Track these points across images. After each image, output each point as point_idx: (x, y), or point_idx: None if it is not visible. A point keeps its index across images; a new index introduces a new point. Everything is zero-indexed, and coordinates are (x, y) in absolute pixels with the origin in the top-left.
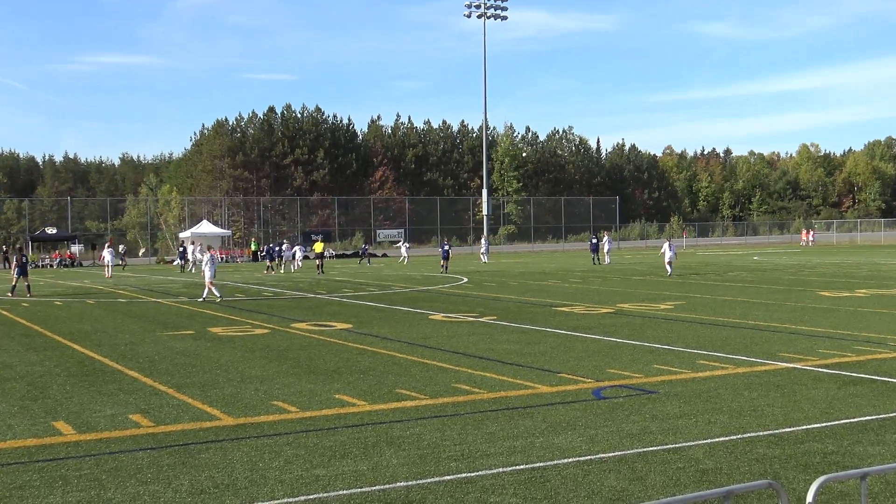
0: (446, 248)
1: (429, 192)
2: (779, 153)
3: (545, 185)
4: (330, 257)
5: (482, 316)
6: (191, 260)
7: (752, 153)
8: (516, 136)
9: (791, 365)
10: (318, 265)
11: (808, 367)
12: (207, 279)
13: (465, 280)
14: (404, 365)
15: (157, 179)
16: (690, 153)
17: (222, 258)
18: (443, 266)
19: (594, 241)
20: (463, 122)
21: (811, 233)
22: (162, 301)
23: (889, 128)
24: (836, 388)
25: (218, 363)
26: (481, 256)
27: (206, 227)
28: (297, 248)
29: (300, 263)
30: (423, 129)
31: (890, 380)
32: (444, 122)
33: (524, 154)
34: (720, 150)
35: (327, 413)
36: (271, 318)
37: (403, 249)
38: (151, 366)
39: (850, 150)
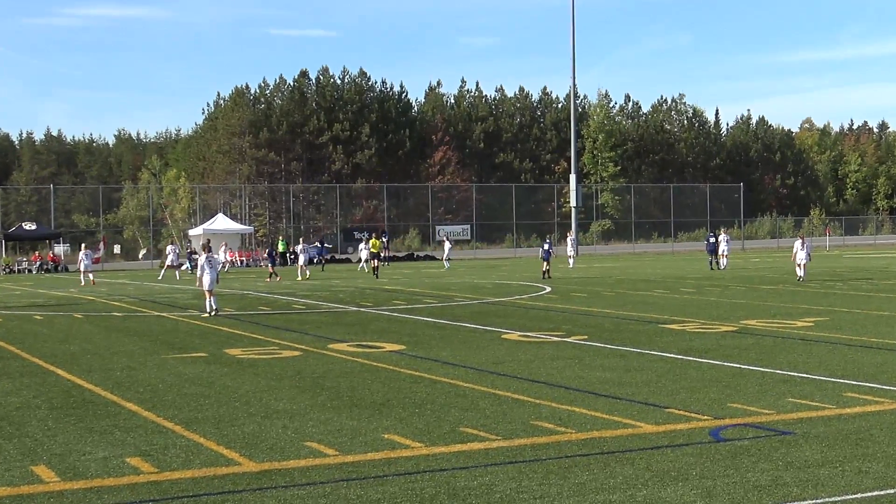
0: (546, 247)
1: (502, 179)
2: None
3: (650, 170)
4: (384, 260)
5: (569, 335)
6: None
7: None
8: (613, 107)
9: None
10: (373, 268)
11: None
12: (206, 286)
13: (548, 290)
14: (470, 397)
15: (162, 163)
16: (836, 128)
17: (242, 261)
18: (545, 271)
19: (711, 239)
20: (545, 89)
21: None
22: (167, 315)
23: None
24: None
25: (237, 394)
26: (569, 260)
27: (221, 221)
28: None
29: (306, 270)
30: (494, 99)
31: None
32: (522, 89)
33: (624, 129)
34: (874, 125)
35: (374, 457)
36: (303, 338)
37: (446, 248)
38: (154, 396)
39: None
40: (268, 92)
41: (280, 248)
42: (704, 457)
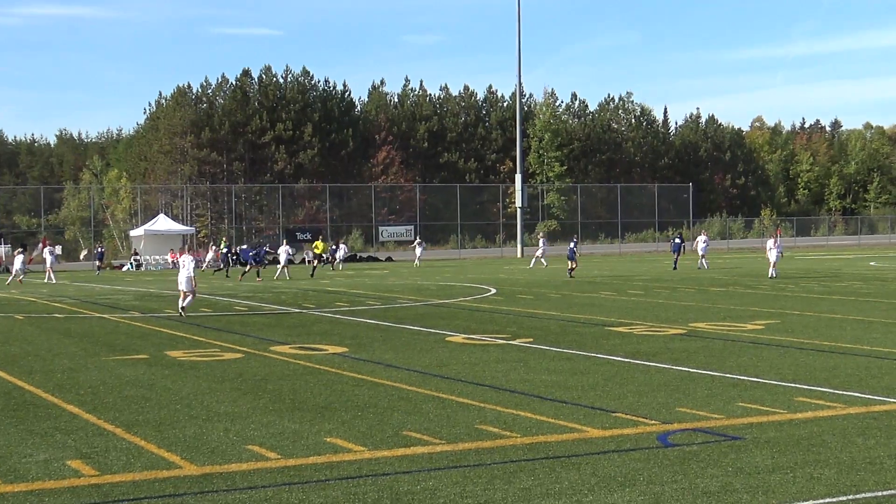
0: (572, 245)
1: (446, 179)
2: None
3: (597, 170)
4: (326, 260)
5: (514, 338)
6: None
7: (868, 126)
8: (559, 105)
9: None
10: (314, 266)
11: None
12: (189, 287)
13: (493, 291)
14: (414, 400)
15: (103, 163)
16: (787, 127)
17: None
18: (570, 269)
19: (677, 240)
20: (490, 87)
21: None
22: (108, 317)
23: None
24: None
25: (178, 396)
26: (541, 261)
27: (163, 222)
28: (282, 248)
29: (286, 271)
30: (438, 98)
31: None
32: (467, 87)
33: (570, 129)
34: (826, 123)
35: (316, 461)
36: (245, 340)
37: (418, 250)
38: (95, 399)
39: None
40: (210, 91)
41: (222, 248)
42: (652, 462)
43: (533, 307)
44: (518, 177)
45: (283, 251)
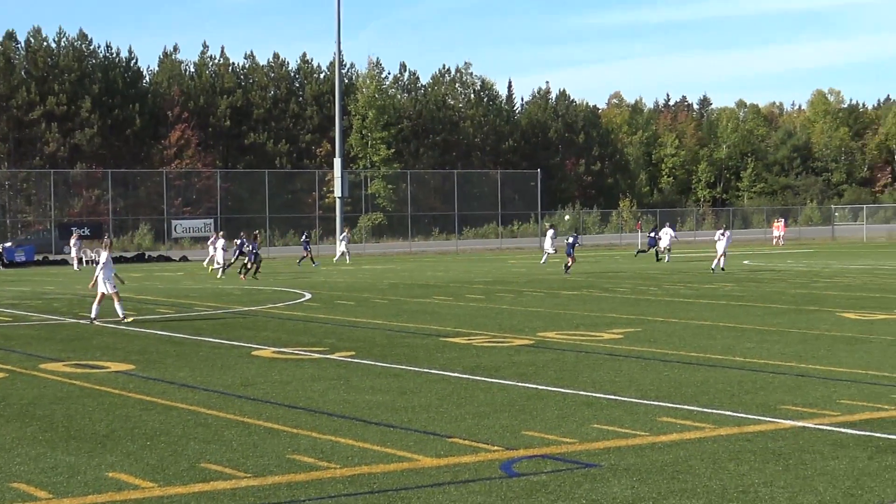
0: (572, 240)
1: (252, 164)
2: (782, 104)
3: (430, 153)
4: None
5: (333, 351)
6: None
7: (741, 104)
8: (386, 78)
9: (799, 423)
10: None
11: (823, 427)
12: (106, 289)
13: (308, 296)
14: (214, 426)
15: None
16: (649, 104)
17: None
18: (567, 265)
19: (652, 234)
20: (305, 56)
21: (780, 225)
22: None
23: None
24: (865, 457)
25: None
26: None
27: None
28: (220, 240)
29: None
30: (243, 68)
31: None
32: (277, 56)
33: (399, 105)
34: (693, 101)
35: (95, 500)
36: (9, 356)
37: (343, 245)
38: None
39: (889, 99)
40: None
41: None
42: (495, 495)
43: (355, 315)
44: (337, 162)
45: (220, 245)
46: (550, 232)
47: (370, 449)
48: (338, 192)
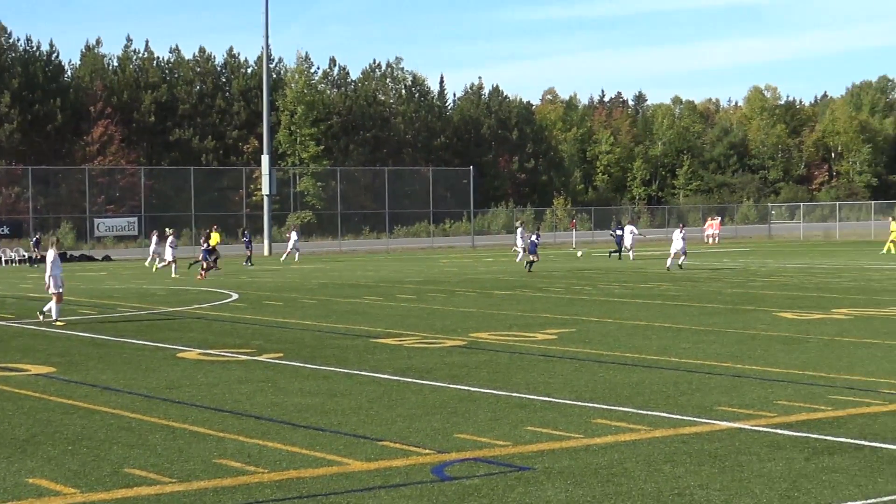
0: (534, 238)
1: (177, 161)
2: (718, 101)
3: (360, 150)
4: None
5: (261, 353)
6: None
7: (677, 100)
8: (315, 73)
9: (735, 424)
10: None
11: (760, 428)
12: (56, 288)
13: (235, 297)
14: (138, 430)
15: None
16: (583, 100)
17: None
18: (529, 263)
19: (619, 231)
20: (231, 50)
21: (715, 223)
22: None
23: (882, 63)
24: (802, 459)
25: None
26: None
27: None
28: (170, 238)
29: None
30: (168, 62)
31: (882, 446)
32: (203, 50)
33: (328, 101)
34: (628, 97)
35: None
36: None
37: (292, 242)
38: None
39: (826, 96)
40: None
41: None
42: (426, 499)
43: (283, 315)
44: (265, 158)
45: (169, 243)
46: (520, 229)
47: (299, 453)
48: (265, 190)
